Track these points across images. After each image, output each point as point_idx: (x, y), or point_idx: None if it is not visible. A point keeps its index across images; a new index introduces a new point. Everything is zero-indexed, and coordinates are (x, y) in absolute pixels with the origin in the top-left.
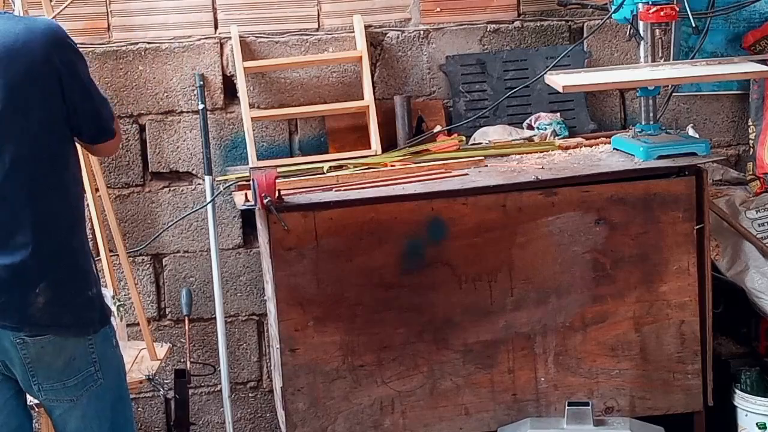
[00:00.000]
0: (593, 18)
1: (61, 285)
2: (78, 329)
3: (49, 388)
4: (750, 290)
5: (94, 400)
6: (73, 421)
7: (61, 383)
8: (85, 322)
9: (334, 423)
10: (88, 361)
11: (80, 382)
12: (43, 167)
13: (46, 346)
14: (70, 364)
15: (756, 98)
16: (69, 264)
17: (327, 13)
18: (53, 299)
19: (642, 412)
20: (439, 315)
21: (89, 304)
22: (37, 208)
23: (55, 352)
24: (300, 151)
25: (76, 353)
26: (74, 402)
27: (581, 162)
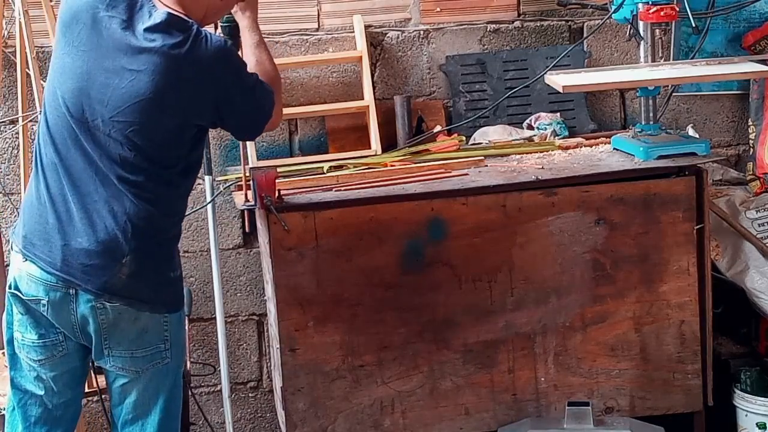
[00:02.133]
0: (593, 18)
1: (146, 262)
2: (154, 305)
3: (118, 355)
4: (750, 290)
5: (157, 377)
6: (133, 393)
7: (130, 352)
8: (162, 301)
9: (334, 423)
10: (160, 337)
11: (149, 355)
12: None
13: (123, 313)
14: (142, 336)
15: (756, 98)
16: (157, 242)
17: (327, 13)
18: (136, 273)
19: (642, 412)
20: (439, 315)
21: (169, 285)
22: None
23: (129, 320)
24: (300, 151)
25: (150, 326)
26: (139, 374)
27: (581, 162)
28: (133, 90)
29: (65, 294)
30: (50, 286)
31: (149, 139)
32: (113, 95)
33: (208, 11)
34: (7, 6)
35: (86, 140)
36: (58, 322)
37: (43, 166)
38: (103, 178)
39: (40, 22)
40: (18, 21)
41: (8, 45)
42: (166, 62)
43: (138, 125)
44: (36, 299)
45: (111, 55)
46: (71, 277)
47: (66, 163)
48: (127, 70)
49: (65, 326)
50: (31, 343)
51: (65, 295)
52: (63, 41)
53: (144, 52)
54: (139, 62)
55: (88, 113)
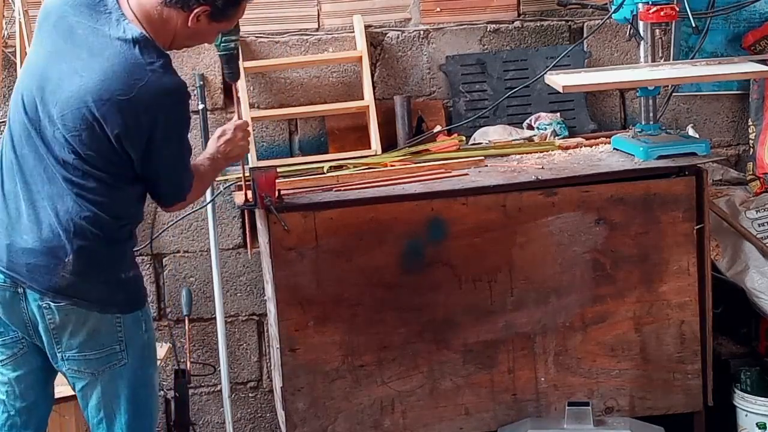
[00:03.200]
0: (593, 18)
1: (91, 262)
2: (103, 306)
3: (71, 358)
4: (750, 290)
5: (116, 379)
6: (93, 397)
7: (82, 354)
8: (112, 301)
9: (334, 423)
10: (113, 338)
11: (103, 357)
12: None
13: (70, 314)
14: (94, 337)
15: (756, 98)
16: (104, 244)
17: (327, 13)
18: (81, 273)
19: (642, 412)
20: (439, 315)
21: (121, 285)
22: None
23: (78, 322)
24: (300, 151)
25: (101, 328)
26: (95, 377)
27: (581, 162)
28: (80, 94)
29: (14, 293)
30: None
31: (88, 147)
32: (61, 97)
33: (177, 36)
34: (7, 6)
35: (37, 139)
36: (11, 321)
37: (2, 165)
38: (50, 176)
39: None
40: (18, 21)
41: (8, 45)
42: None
43: (77, 132)
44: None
45: (69, 57)
46: (18, 276)
47: (20, 161)
48: (81, 75)
49: (18, 325)
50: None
51: (14, 294)
52: (34, 41)
53: (101, 58)
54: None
55: (41, 112)
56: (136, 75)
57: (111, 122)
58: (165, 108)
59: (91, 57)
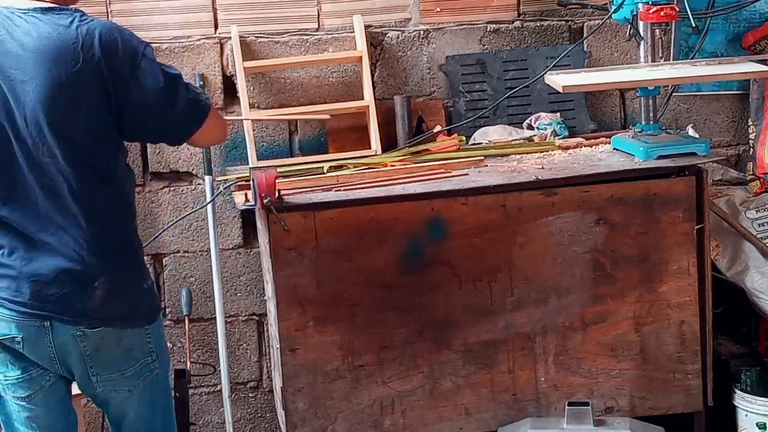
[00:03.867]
0: (593, 18)
1: (119, 278)
2: (134, 321)
3: (107, 379)
4: (750, 290)
5: (150, 389)
6: (130, 411)
7: (119, 373)
8: (141, 314)
9: (334, 423)
10: (145, 351)
11: (138, 371)
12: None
13: (105, 337)
14: (129, 354)
15: (756, 98)
16: (125, 258)
17: (327, 13)
18: (111, 292)
19: (642, 412)
20: (439, 315)
21: (145, 296)
22: (91, 202)
23: (113, 342)
24: (300, 151)
25: (134, 343)
26: (132, 391)
27: (581, 162)
28: (42, 95)
29: (39, 327)
30: (22, 322)
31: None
32: (29, 111)
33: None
34: None
35: (31, 165)
36: (36, 356)
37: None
38: (58, 204)
39: None
40: None
41: None
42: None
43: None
44: (10, 337)
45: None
46: (43, 311)
47: (16, 197)
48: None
49: (44, 360)
50: (16, 381)
51: (39, 329)
52: None
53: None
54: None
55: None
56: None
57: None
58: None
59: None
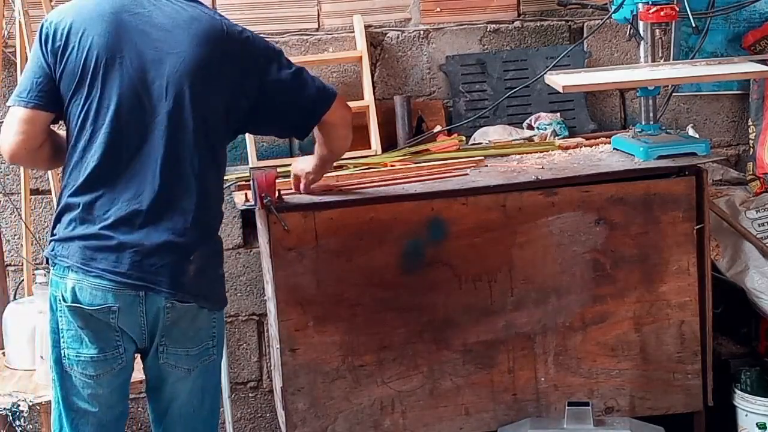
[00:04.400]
0: (593, 18)
1: (208, 258)
2: (212, 303)
3: (173, 353)
4: (750, 290)
5: (204, 374)
6: (182, 393)
7: (185, 350)
8: (216, 298)
9: (334, 423)
10: (209, 334)
11: (200, 352)
12: (212, 140)
13: (187, 311)
14: (198, 334)
15: (756, 98)
16: (214, 239)
17: (327, 13)
18: (201, 270)
19: (642, 412)
20: (439, 315)
21: (221, 281)
22: (201, 178)
23: (189, 319)
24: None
25: (203, 324)
26: (189, 372)
27: (581, 162)
28: (188, 67)
29: (134, 297)
30: (119, 292)
31: (206, 122)
32: (170, 80)
33: None
34: (7, 6)
35: (155, 139)
36: (127, 327)
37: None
38: (176, 177)
39: (40, 22)
40: (18, 21)
41: (8, 45)
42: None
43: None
44: (105, 308)
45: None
46: (141, 281)
47: (138, 166)
48: (173, 52)
49: (134, 331)
50: (88, 359)
51: (135, 298)
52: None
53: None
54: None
55: (154, 102)
56: (219, 27)
57: (225, 77)
58: (252, 39)
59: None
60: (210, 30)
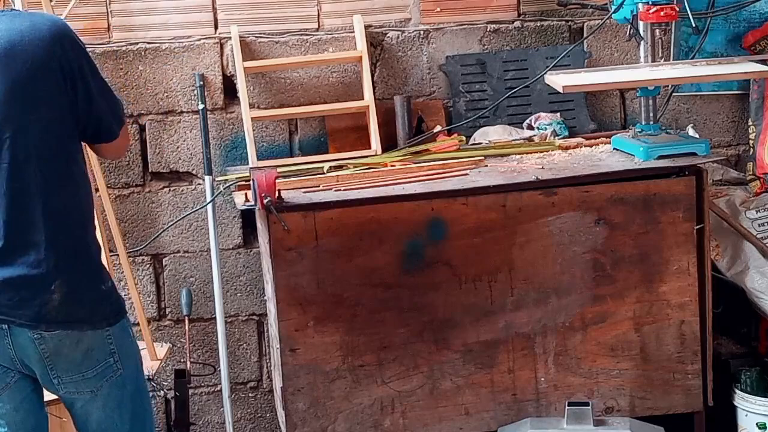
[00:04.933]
0: (593, 18)
1: (76, 281)
2: (93, 323)
3: (68, 381)
4: (750, 290)
5: (114, 390)
6: (94, 412)
7: (80, 375)
8: (100, 316)
9: (334, 423)
10: (106, 351)
11: (99, 372)
12: (53, 163)
13: (64, 339)
14: (89, 356)
15: (756, 98)
16: (82, 260)
17: (327, 13)
18: (68, 295)
19: (642, 412)
20: (439, 315)
21: (103, 298)
22: (49, 205)
23: (72, 345)
24: (300, 151)
25: (94, 345)
26: (95, 393)
27: (581, 162)
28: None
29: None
30: None
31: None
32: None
33: None
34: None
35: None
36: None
37: None
38: (17, 204)
39: None
40: None
41: None
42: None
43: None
44: None
45: None
46: (2, 315)
47: None
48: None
49: (4, 361)
50: None
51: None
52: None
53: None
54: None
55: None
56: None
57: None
58: (69, 39)
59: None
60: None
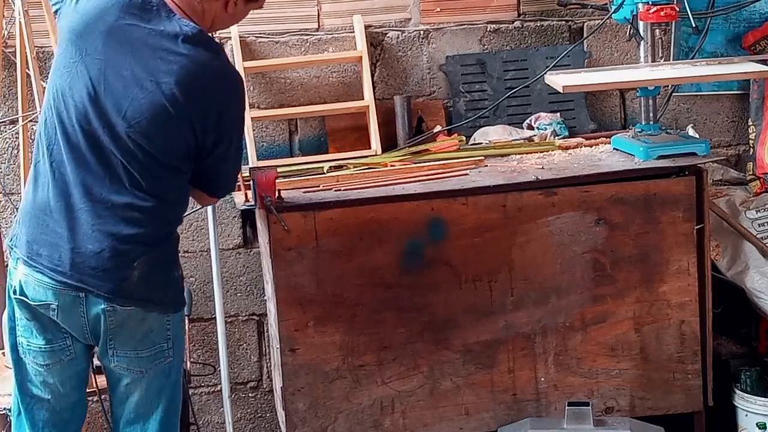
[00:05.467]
0: (593, 18)
1: (155, 264)
2: (162, 306)
3: (123, 355)
4: (750, 290)
5: (160, 376)
6: (137, 393)
7: (135, 352)
8: (168, 301)
9: (334, 423)
10: (163, 336)
11: (153, 354)
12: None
13: (132, 315)
14: (148, 336)
15: (756, 98)
16: (164, 245)
17: (327, 13)
18: (146, 275)
19: (642, 412)
20: (439, 315)
21: (173, 285)
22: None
23: (137, 322)
24: (300, 151)
25: (155, 327)
26: (143, 374)
27: (581, 162)
28: (155, 100)
29: (75, 297)
30: (59, 290)
31: (164, 148)
32: (132, 105)
33: (214, 22)
34: (7, 6)
35: (97, 149)
36: (68, 325)
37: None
38: (116, 186)
39: (40, 22)
40: (18, 21)
41: (8, 45)
42: (194, 71)
43: (155, 135)
44: (45, 304)
45: (130, 63)
46: (81, 283)
47: (74, 172)
48: (149, 79)
49: (75, 329)
50: (38, 349)
51: (75, 299)
52: (72, 50)
53: (172, 58)
54: (160, 69)
55: (104, 122)
56: (205, 70)
57: (189, 117)
58: (232, 97)
59: (154, 59)
60: None
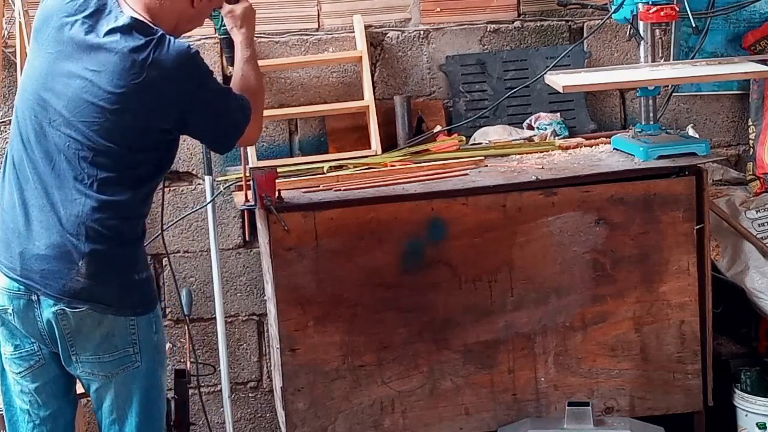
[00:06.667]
0: (593, 18)
1: (106, 264)
2: (118, 309)
3: (86, 361)
4: (750, 290)
5: (128, 381)
6: (107, 398)
7: (96, 357)
8: (126, 303)
9: (334, 423)
10: (127, 341)
11: (117, 359)
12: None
13: (85, 318)
14: (108, 340)
15: (756, 98)
16: (116, 246)
17: (327, 13)
18: (95, 276)
19: (642, 412)
20: (439, 315)
21: (134, 287)
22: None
23: (93, 325)
24: (300, 151)
25: (115, 330)
26: (109, 379)
27: (581, 162)
28: (93, 91)
29: (28, 301)
30: (13, 293)
31: (110, 140)
32: (73, 96)
33: (180, 20)
34: (7, 6)
35: (47, 142)
36: (26, 330)
37: (9, 169)
38: (61, 180)
39: None
40: (18, 21)
41: (8, 45)
42: (125, 63)
43: (98, 126)
44: (3, 309)
45: (73, 57)
46: (32, 282)
47: (30, 166)
48: (88, 70)
49: (33, 334)
50: (10, 356)
51: (29, 302)
52: (34, 45)
53: (102, 52)
54: (98, 62)
55: (51, 114)
56: (140, 57)
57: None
58: (181, 75)
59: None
60: None
